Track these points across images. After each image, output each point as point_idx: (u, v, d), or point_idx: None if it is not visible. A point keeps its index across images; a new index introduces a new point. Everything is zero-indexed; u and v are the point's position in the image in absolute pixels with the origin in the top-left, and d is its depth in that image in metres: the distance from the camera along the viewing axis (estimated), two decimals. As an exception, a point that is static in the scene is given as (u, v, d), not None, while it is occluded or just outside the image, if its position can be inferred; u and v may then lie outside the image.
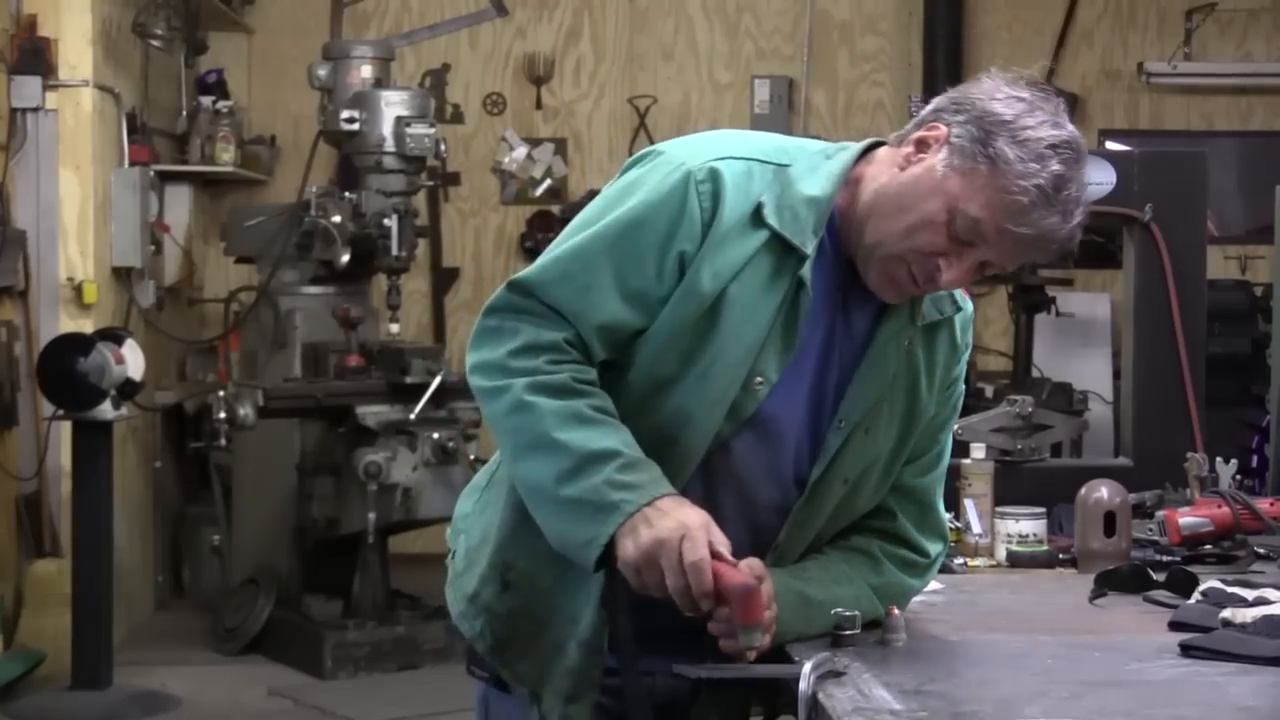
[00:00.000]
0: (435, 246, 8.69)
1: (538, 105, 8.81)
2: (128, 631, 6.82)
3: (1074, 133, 2.20)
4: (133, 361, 5.98)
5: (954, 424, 2.49)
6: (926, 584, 2.52)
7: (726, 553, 2.15)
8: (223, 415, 6.31)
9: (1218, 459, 3.43)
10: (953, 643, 2.38)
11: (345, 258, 6.81)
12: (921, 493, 2.44)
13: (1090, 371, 7.70)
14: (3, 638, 6.12)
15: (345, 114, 6.84)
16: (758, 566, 2.22)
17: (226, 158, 7.89)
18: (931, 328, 2.36)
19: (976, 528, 3.11)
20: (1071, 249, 2.25)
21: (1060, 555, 3.04)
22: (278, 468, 6.91)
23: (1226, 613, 2.38)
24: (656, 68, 8.85)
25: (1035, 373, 7.26)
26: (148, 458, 7.43)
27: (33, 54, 6.44)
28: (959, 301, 2.40)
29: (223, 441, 6.44)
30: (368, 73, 6.99)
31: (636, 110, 8.79)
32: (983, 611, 2.64)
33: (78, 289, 6.55)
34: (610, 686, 2.32)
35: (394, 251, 6.83)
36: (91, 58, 6.61)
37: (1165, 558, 2.99)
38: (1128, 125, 8.81)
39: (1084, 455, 5.97)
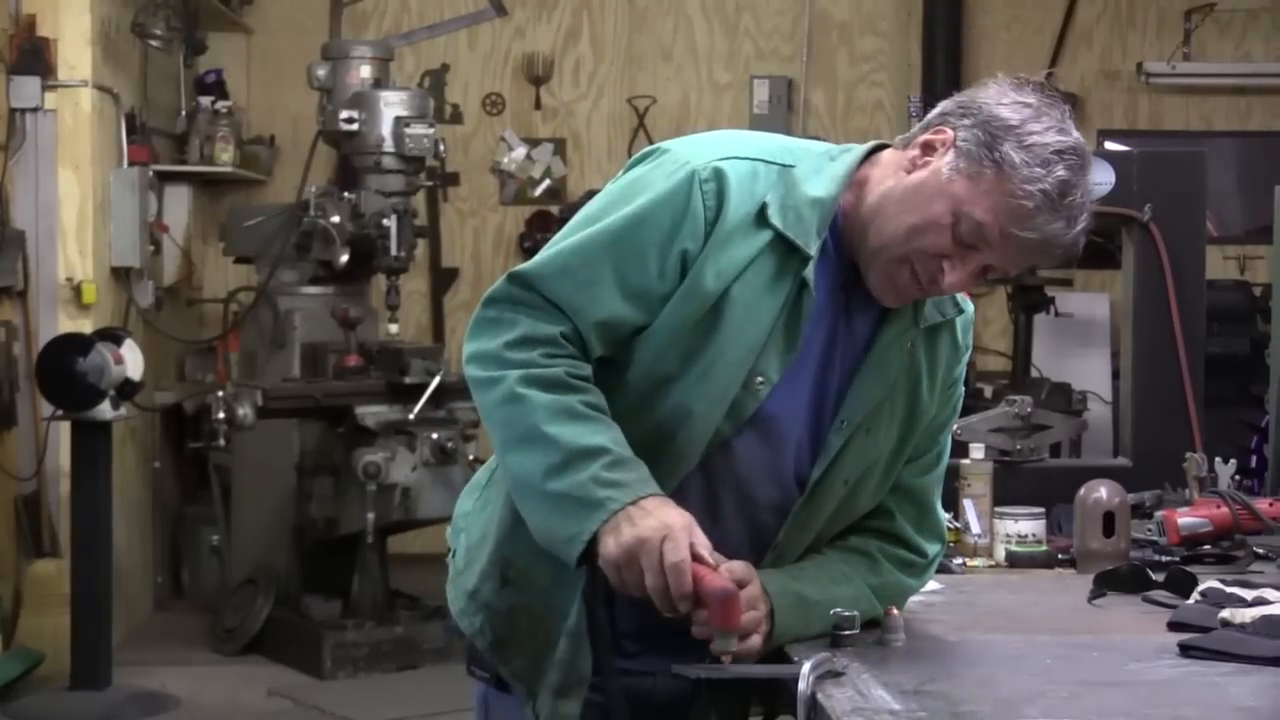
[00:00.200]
0: (434, 247, 8.69)
1: (537, 105, 8.81)
2: (127, 632, 6.82)
3: (1079, 139, 2.21)
4: (132, 362, 5.98)
5: (954, 425, 2.49)
6: (924, 584, 2.52)
7: (708, 555, 2.15)
8: (222, 415, 6.31)
9: (1217, 459, 3.43)
10: (952, 643, 2.38)
11: (344, 258, 6.81)
12: (920, 493, 2.44)
13: (1089, 371, 7.69)
14: (2, 638, 6.12)
15: (344, 114, 6.84)
16: (739, 570, 2.22)
17: (225, 158, 7.89)
18: (933, 329, 2.36)
19: (975, 528, 3.11)
20: (1076, 254, 2.25)
21: (1059, 555, 3.04)
22: (277, 468, 6.91)
23: (1225, 613, 2.38)
24: (655, 68, 8.85)
25: (1034, 373, 7.27)
26: (147, 458, 7.43)
27: (32, 54, 6.44)
28: (960, 304, 2.41)
29: (222, 442, 6.44)
30: (367, 73, 6.99)
31: (635, 110, 8.79)
32: (982, 612, 2.63)
33: (77, 289, 6.56)
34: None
35: (393, 251, 6.83)
36: (90, 58, 6.61)
37: (1164, 558, 2.99)
38: (1127, 125, 8.81)
39: (1083, 455, 5.97)
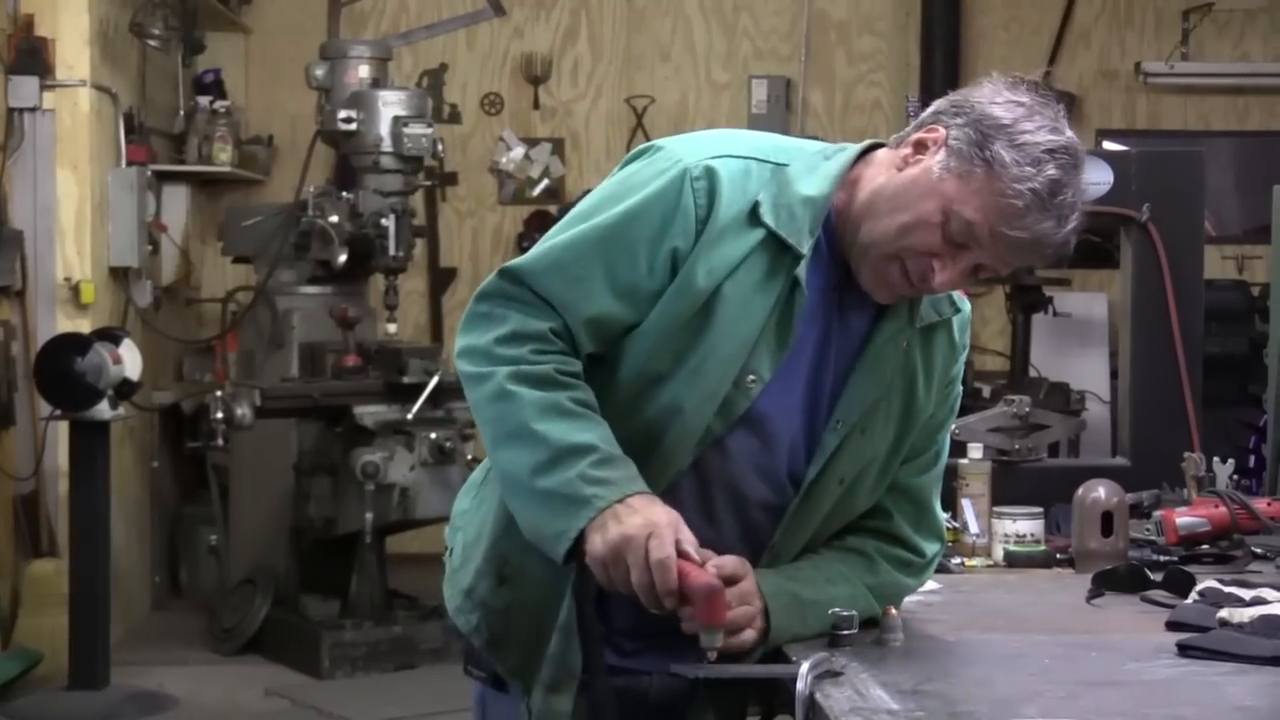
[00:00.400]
0: (433, 246, 8.69)
1: (535, 105, 8.81)
2: (125, 631, 6.82)
3: (1072, 138, 2.21)
4: (130, 361, 5.98)
5: (951, 424, 2.48)
6: (923, 583, 2.52)
7: (694, 552, 2.15)
8: (220, 415, 6.31)
9: (1215, 459, 3.43)
10: (950, 643, 2.38)
11: (343, 258, 6.81)
12: (918, 492, 2.44)
13: (1087, 371, 7.69)
14: (0, 638, 6.12)
15: (343, 114, 6.84)
16: (730, 565, 2.22)
17: (224, 157, 7.89)
18: (929, 329, 2.36)
19: (974, 528, 3.11)
20: (1067, 253, 2.25)
21: (1057, 555, 3.04)
22: (275, 467, 6.91)
23: (1224, 612, 2.38)
24: (654, 68, 8.85)
25: (1033, 373, 7.26)
26: (145, 458, 7.43)
27: (30, 54, 6.44)
28: (957, 303, 2.40)
29: (220, 441, 6.44)
30: (365, 73, 6.99)
31: (634, 110, 8.79)
32: (980, 611, 2.63)
33: (75, 289, 6.56)
34: (612, 669, 2.32)
35: (391, 251, 6.83)
36: (89, 58, 6.62)
37: (1162, 558, 2.99)
38: (1125, 125, 8.82)
39: (1081, 455, 5.96)
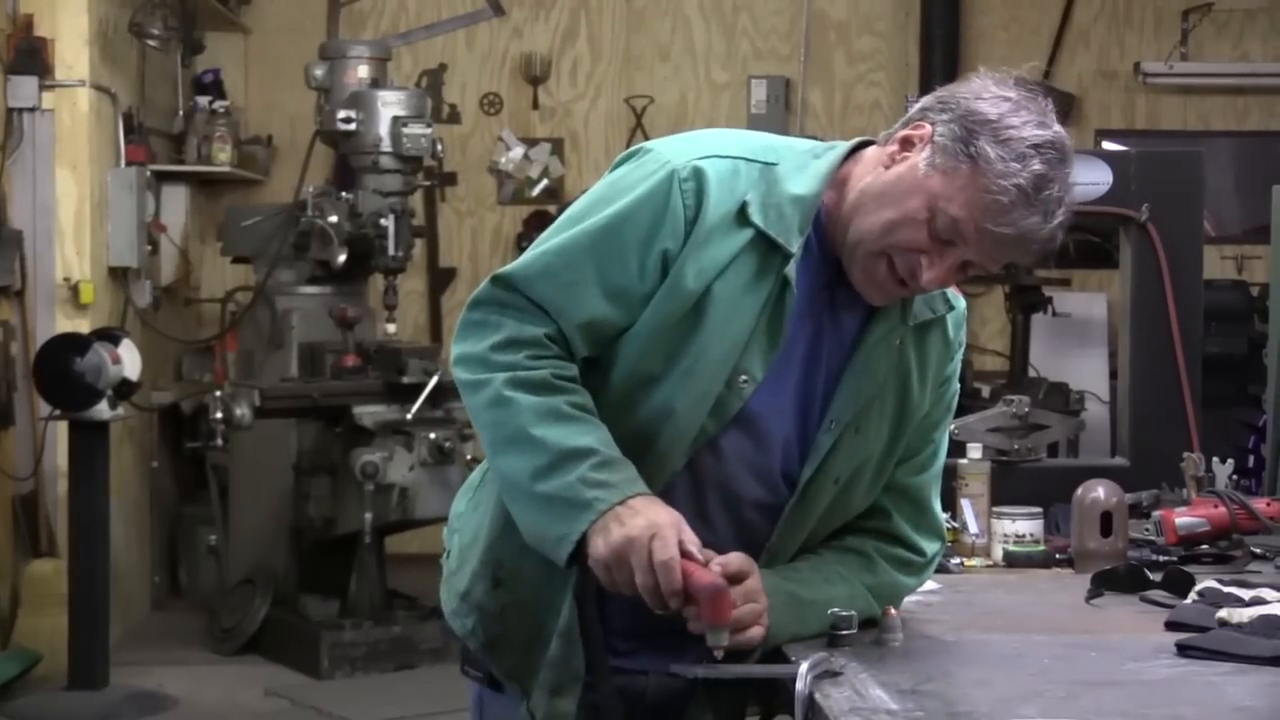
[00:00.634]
0: (432, 246, 8.69)
1: (534, 105, 8.81)
2: (124, 631, 6.82)
3: (1059, 132, 2.20)
4: (129, 361, 5.98)
5: (949, 423, 2.48)
6: (923, 583, 2.52)
7: (697, 552, 2.15)
8: (219, 415, 6.31)
9: (1214, 459, 3.43)
10: (949, 643, 2.38)
11: (342, 258, 6.81)
12: (917, 492, 2.44)
13: (1087, 371, 7.69)
14: (0, 638, 6.13)
15: (342, 114, 6.84)
16: (736, 562, 2.22)
17: (223, 158, 7.88)
18: (923, 327, 2.36)
19: (973, 528, 3.11)
20: (1053, 249, 2.24)
21: (1057, 555, 3.04)
22: (274, 468, 6.91)
23: (1223, 612, 2.38)
24: (653, 68, 8.85)
25: (1032, 373, 7.27)
26: (144, 458, 7.43)
27: (29, 54, 6.44)
28: (951, 300, 2.40)
29: (219, 441, 6.44)
30: (364, 73, 6.99)
31: (633, 110, 8.79)
32: (979, 611, 2.63)
33: (74, 289, 6.56)
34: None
35: (390, 251, 6.83)
36: (88, 58, 6.61)
37: (1162, 558, 2.99)
38: (1124, 125, 8.81)
39: (1080, 455, 5.96)
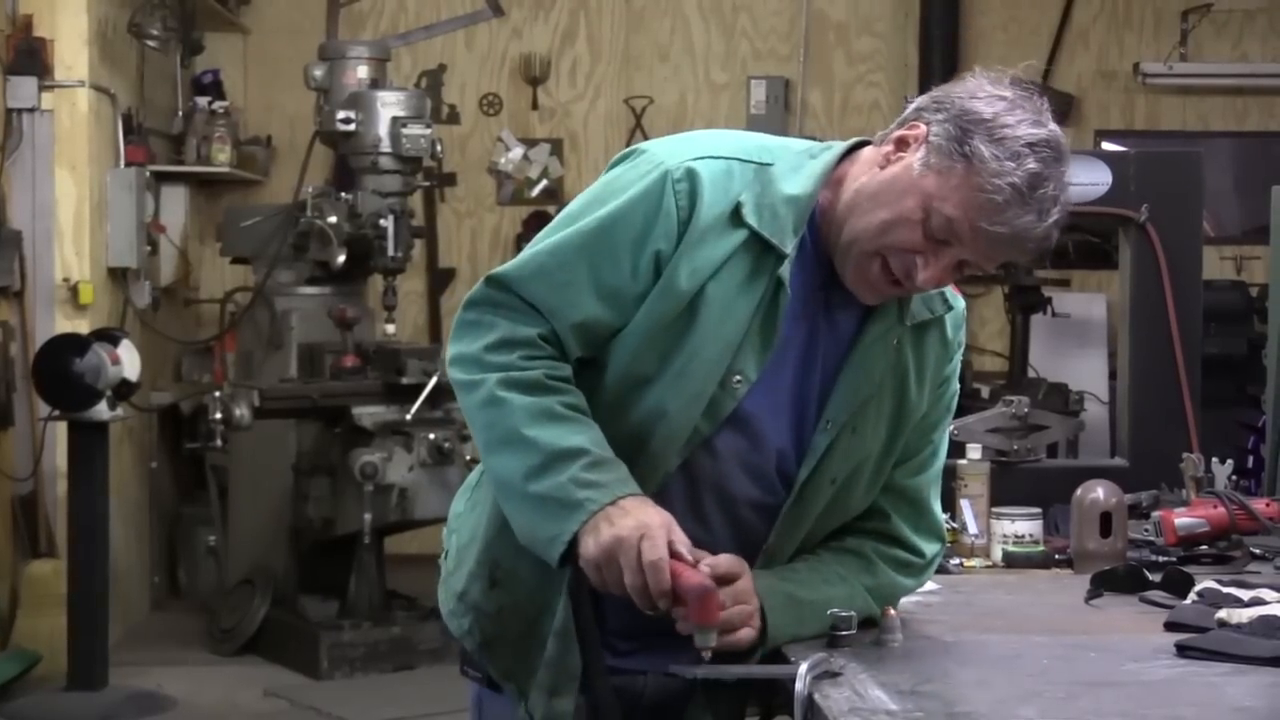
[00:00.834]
0: (431, 247, 8.69)
1: (534, 106, 8.81)
2: (123, 632, 6.82)
3: (1054, 131, 2.20)
4: (129, 362, 5.98)
5: (948, 424, 2.48)
6: (923, 584, 2.52)
7: (687, 552, 2.15)
8: (218, 416, 6.30)
9: (1214, 459, 3.43)
10: (949, 643, 2.38)
11: (341, 258, 6.81)
12: (916, 493, 2.44)
13: (1086, 372, 7.69)
14: (-2, 638, 6.12)
15: (341, 114, 6.84)
16: (726, 564, 2.22)
17: (222, 158, 7.88)
18: (921, 327, 2.35)
19: (973, 528, 3.11)
20: (1049, 247, 2.23)
21: (1056, 556, 3.04)
22: (273, 468, 6.90)
23: (1222, 613, 2.38)
24: (653, 68, 8.85)
25: (1031, 373, 7.27)
26: (144, 458, 7.43)
27: (28, 54, 6.44)
28: (950, 300, 2.39)
29: (218, 442, 6.43)
30: (364, 73, 6.99)
31: (633, 111, 8.79)
32: (979, 612, 2.63)
33: (74, 289, 6.56)
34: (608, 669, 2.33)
35: (390, 252, 6.83)
36: (87, 58, 6.61)
37: (1161, 558, 2.99)
38: (1123, 126, 8.81)
39: (1080, 456, 5.97)
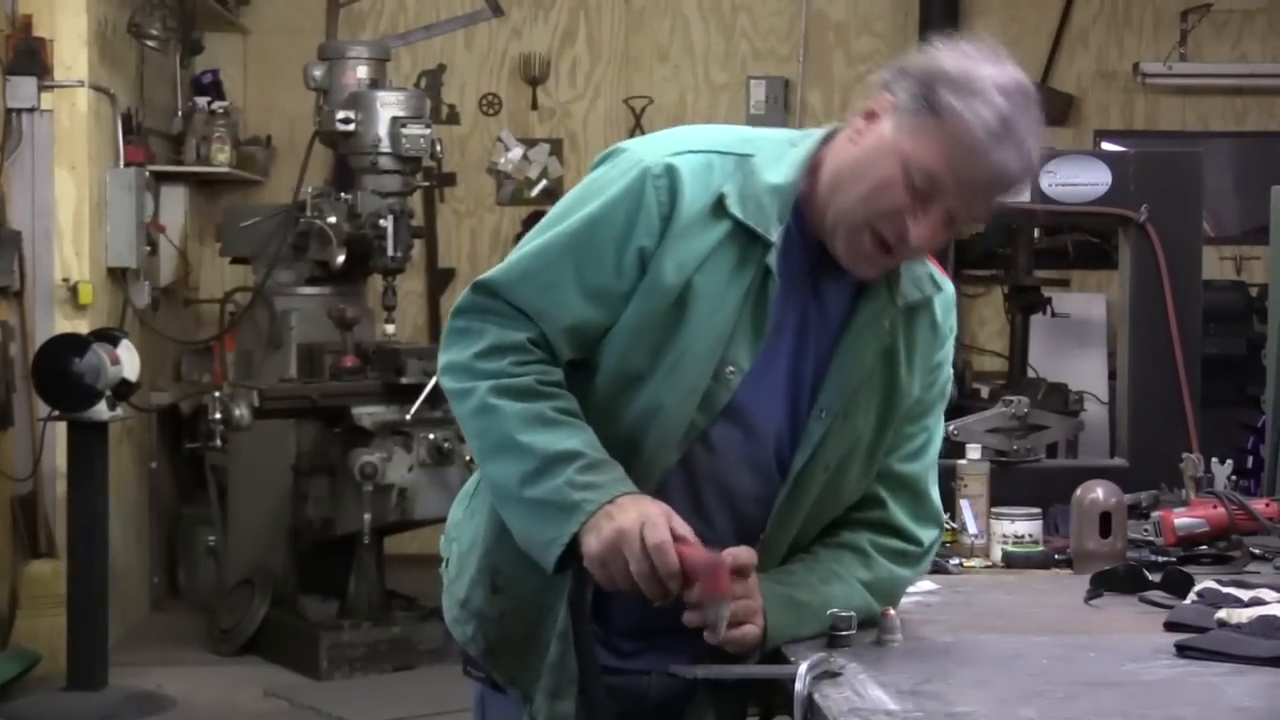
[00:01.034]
0: (431, 247, 8.69)
1: (533, 106, 8.81)
2: (123, 632, 6.82)
3: (1019, 76, 2.23)
4: (128, 362, 5.98)
5: (942, 409, 2.48)
6: (920, 574, 2.51)
7: (690, 536, 2.17)
8: (218, 416, 6.30)
9: (1213, 460, 3.43)
10: (948, 643, 2.38)
11: (341, 258, 6.81)
12: (913, 481, 2.43)
13: (1086, 372, 7.69)
14: (-2, 638, 6.12)
15: (341, 114, 6.84)
16: (743, 556, 2.22)
17: (222, 158, 7.88)
18: (911, 310, 2.36)
19: (972, 528, 3.11)
20: (1033, 175, 2.27)
21: (1056, 556, 3.04)
22: (273, 468, 6.90)
23: (1222, 613, 2.39)
24: (652, 68, 8.85)
25: (1031, 373, 7.26)
26: (143, 458, 7.43)
27: (28, 54, 6.44)
28: (939, 282, 2.41)
29: (218, 442, 6.43)
30: (363, 73, 6.99)
31: (632, 111, 8.79)
32: (978, 612, 2.64)
33: (73, 289, 6.56)
34: (611, 669, 2.33)
35: (389, 252, 6.83)
36: (87, 58, 6.61)
37: (1161, 558, 2.99)
38: (1123, 126, 8.82)
39: (1079, 456, 5.96)
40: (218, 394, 6.40)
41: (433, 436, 6.47)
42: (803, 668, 2.12)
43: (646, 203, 2.25)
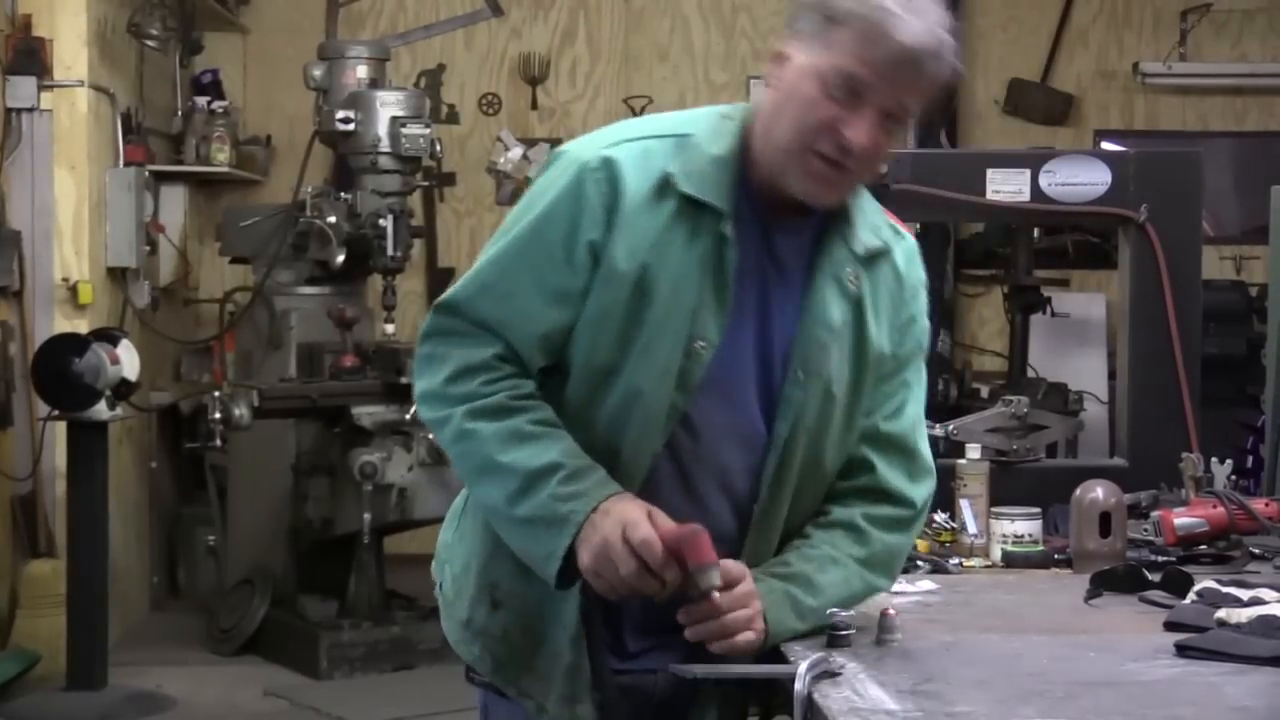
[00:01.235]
0: (430, 247, 8.69)
1: (533, 105, 8.81)
2: (123, 632, 6.82)
3: None
4: (128, 362, 5.98)
5: (921, 363, 2.47)
6: (914, 538, 2.49)
7: (670, 524, 2.18)
8: (218, 415, 6.30)
9: (1213, 459, 3.43)
10: (948, 643, 2.38)
11: (340, 258, 6.81)
12: (899, 438, 2.43)
13: (1086, 372, 7.69)
14: (-2, 638, 6.12)
15: (340, 114, 6.84)
16: (734, 569, 2.24)
17: (222, 158, 7.88)
18: (872, 262, 2.37)
19: (972, 528, 3.11)
20: (955, 68, 2.25)
21: (1056, 555, 3.04)
22: (273, 468, 6.90)
23: (1222, 613, 2.39)
24: (652, 68, 8.85)
25: (1031, 373, 7.25)
26: (143, 458, 7.43)
27: (28, 54, 6.44)
28: (899, 231, 2.43)
29: (218, 442, 6.43)
30: (363, 73, 6.99)
31: (632, 111, 8.78)
32: (978, 612, 2.64)
33: (73, 289, 6.56)
34: (618, 670, 2.35)
35: (389, 252, 6.83)
36: (87, 58, 6.61)
37: (1161, 558, 2.99)
38: (1123, 125, 8.81)
39: (1079, 455, 5.96)
40: (217, 394, 6.40)
41: (432, 436, 6.45)
42: (802, 667, 2.12)
43: (588, 196, 2.28)
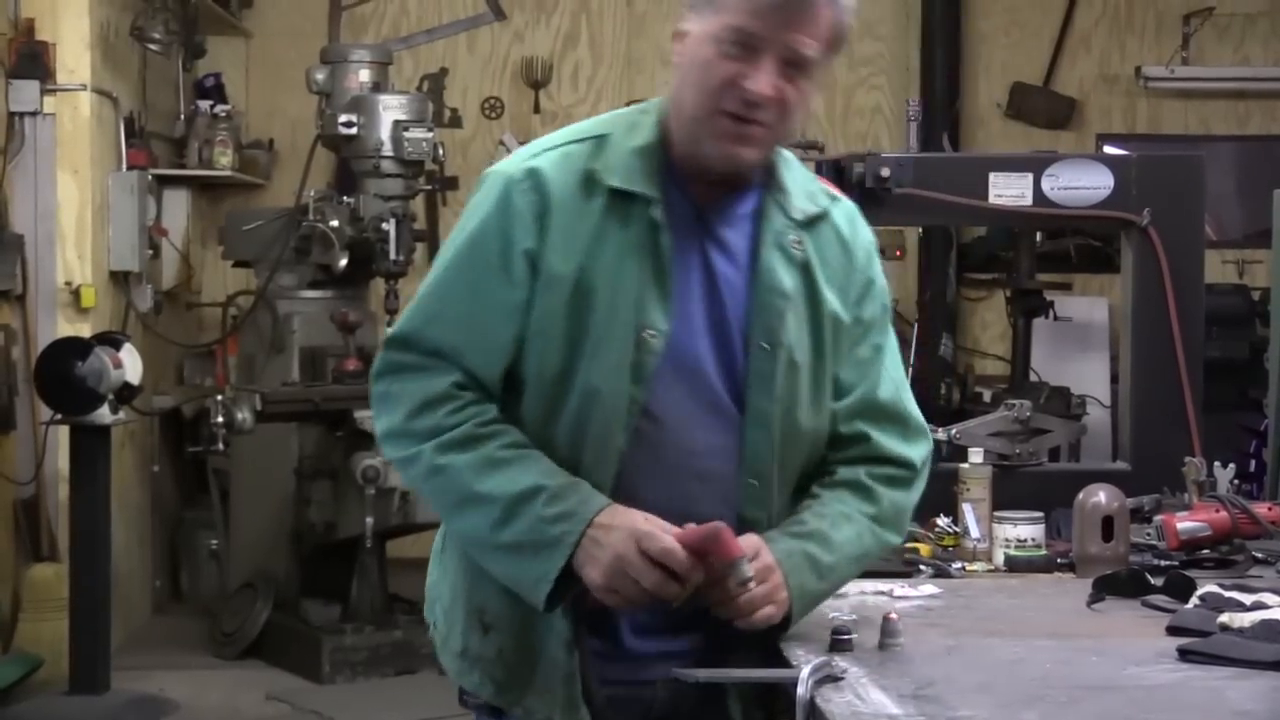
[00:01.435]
0: (433, 250, 8.67)
1: (536, 109, 8.81)
2: (125, 636, 6.82)
3: None
4: (130, 365, 5.98)
5: (887, 325, 2.48)
6: (917, 496, 2.48)
7: (677, 529, 2.18)
8: (220, 419, 6.29)
9: (1215, 463, 3.43)
10: (950, 647, 2.38)
11: (343, 262, 6.81)
12: (887, 406, 2.43)
13: (1088, 376, 7.69)
14: (0, 642, 6.11)
15: (343, 118, 6.84)
16: (753, 541, 2.24)
17: (224, 162, 7.89)
18: (812, 226, 2.38)
19: (975, 532, 3.12)
20: (848, 7, 2.28)
21: (1058, 560, 3.04)
22: (275, 472, 6.90)
23: (1224, 617, 2.39)
24: (655, 72, 8.84)
25: (1033, 377, 7.26)
26: (145, 462, 7.42)
27: (31, 58, 6.44)
28: (834, 195, 2.45)
29: (220, 446, 6.42)
30: (366, 77, 6.99)
31: (634, 114, 8.78)
32: (980, 616, 2.64)
33: (75, 293, 6.56)
34: (618, 680, 2.35)
35: (392, 255, 6.83)
36: (89, 62, 6.61)
37: (1163, 562, 2.99)
38: (1125, 129, 8.81)
39: (1082, 460, 5.97)
40: (220, 397, 6.40)
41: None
42: (805, 671, 2.12)
43: (516, 207, 2.30)
